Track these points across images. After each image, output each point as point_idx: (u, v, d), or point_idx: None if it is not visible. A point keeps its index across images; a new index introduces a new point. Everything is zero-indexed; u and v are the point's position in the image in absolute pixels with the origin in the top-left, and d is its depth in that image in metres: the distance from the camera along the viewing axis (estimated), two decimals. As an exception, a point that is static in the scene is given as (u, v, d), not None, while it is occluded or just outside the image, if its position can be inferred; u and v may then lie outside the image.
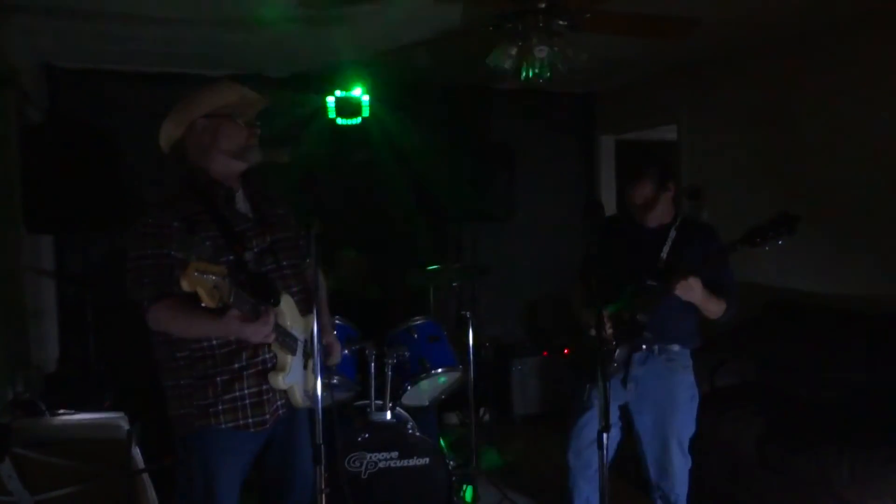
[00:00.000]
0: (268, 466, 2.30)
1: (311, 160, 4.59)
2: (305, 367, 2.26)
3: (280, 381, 2.13)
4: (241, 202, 2.25)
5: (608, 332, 2.67)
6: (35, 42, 3.91)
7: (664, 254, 2.74)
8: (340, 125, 4.76)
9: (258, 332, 1.97)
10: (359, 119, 4.75)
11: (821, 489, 3.01)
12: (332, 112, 4.71)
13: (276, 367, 2.14)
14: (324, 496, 2.01)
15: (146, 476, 1.84)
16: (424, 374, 3.51)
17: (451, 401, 4.20)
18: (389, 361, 3.40)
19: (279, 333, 2.06)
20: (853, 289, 3.86)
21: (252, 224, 2.23)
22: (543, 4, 2.82)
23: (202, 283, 1.68)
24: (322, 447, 2.00)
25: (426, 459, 3.25)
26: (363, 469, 3.18)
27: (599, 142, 5.98)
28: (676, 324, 2.73)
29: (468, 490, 3.77)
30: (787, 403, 3.59)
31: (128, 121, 4.19)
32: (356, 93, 4.67)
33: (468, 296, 4.19)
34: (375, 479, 3.19)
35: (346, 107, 4.71)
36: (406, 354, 3.49)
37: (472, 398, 3.81)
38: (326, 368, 2.40)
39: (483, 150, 4.82)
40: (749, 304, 3.87)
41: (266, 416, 2.15)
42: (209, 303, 1.72)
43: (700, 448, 2.87)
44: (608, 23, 2.97)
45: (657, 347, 2.75)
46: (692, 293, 2.55)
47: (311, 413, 2.07)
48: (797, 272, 4.14)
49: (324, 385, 2.04)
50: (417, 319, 3.69)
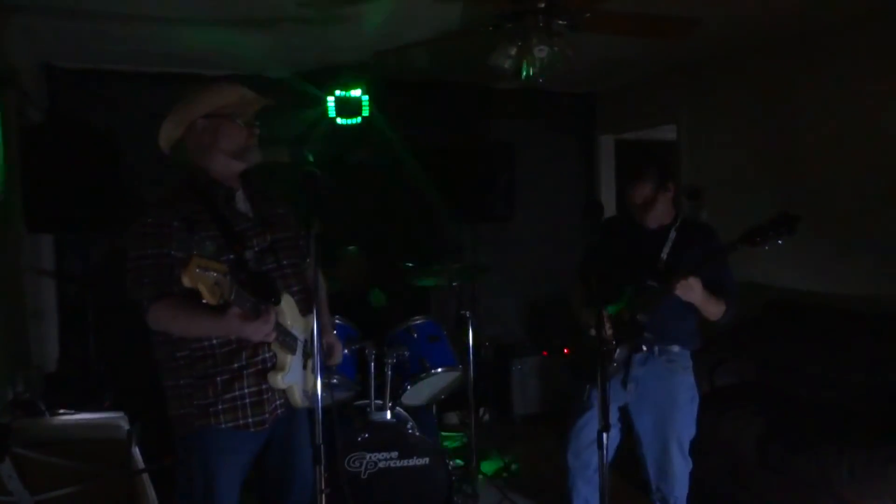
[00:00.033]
0: (268, 466, 2.30)
1: (311, 160, 4.58)
2: (305, 367, 2.26)
3: (279, 381, 2.13)
4: (242, 202, 2.25)
5: (608, 333, 2.67)
6: (35, 42, 3.90)
7: (664, 254, 2.74)
8: (340, 125, 4.76)
9: (259, 331, 1.97)
10: (359, 119, 4.75)
11: (821, 489, 3.01)
12: (332, 112, 4.71)
13: (276, 367, 2.14)
14: (324, 496, 2.00)
15: (146, 476, 1.84)
16: (424, 374, 3.52)
17: (451, 401, 4.21)
18: (389, 361, 3.40)
19: (279, 332, 2.06)
20: (853, 289, 3.86)
21: (252, 224, 2.23)
22: (543, 4, 2.82)
23: (203, 280, 1.68)
24: (322, 447, 1.99)
25: (426, 459, 3.25)
26: (363, 469, 3.19)
27: (599, 142, 5.98)
28: (677, 325, 2.74)
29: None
30: (787, 403, 3.60)
31: (128, 121, 4.18)
32: (356, 93, 4.67)
33: (468, 296, 4.19)
34: (375, 479, 3.19)
35: (346, 107, 4.70)
36: (406, 354, 3.50)
37: (472, 398, 3.82)
38: (327, 368, 2.40)
39: (483, 150, 4.83)
40: (749, 304, 3.87)
41: (265, 416, 2.16)
42: (210, 299, 1.71)
43: (700, 448, 2.87)
44: (608, 23, 2.97)
45: (657, 348, 2.75)
46: (692, 293, 2.55)
47: (311, 413, 2.07)
48: (797, 272, 4.14)
49: (324, 385, 2.04)
50: (417, 319, 3.69)
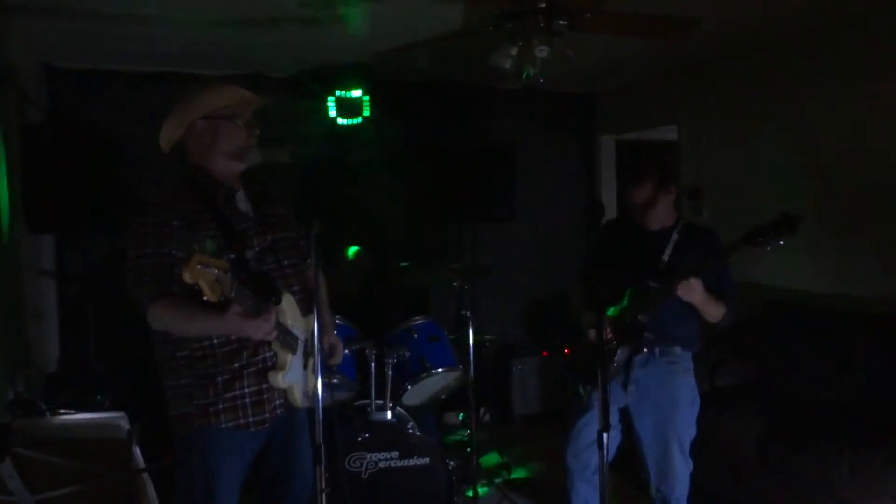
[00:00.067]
0: (268, 466, 2.30)
1: (311, 160, 4.59)
2: (305, 367, 2.26)
3: (280, 380, 2.13)
4: (242, 202, 2.25)
5: (608, 336, 2.67)
6: (35, 42, 3.91)
7: (665, 256, 2.74)
8: (340, 125, 4.76)
9: (260, 329, 1.97)
10: (359, 119, 4.74)
11: (821, 489, 3.01)
12: (333, 112, 4.71)
13: (277, 366, 2.14)
14: (324, 496, 2.01)
15: (146, 476, 1.84)
16: (425, 374, 3.52)
17: (451, 401, 4.20)
18: (389, 361, 3.41)
19: (280, 332, 2.06)
20: (853, 289, 3.86)
21: (253, 223, 2.23)
22: (543, 4, 2.82)
23: (204, 276, 1.68)
24: (322, 447, 1.99)
25: (426, 459, 3.25)
26: (363, 469, 3.18)
27: (599, 142, 5.97)
28: (678, 326, 2.74)
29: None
30: (787, 403, 3.60)
31: (128, 121, 4.19)
32: (356, 93, 4.67)
33: (468, 296, 4.19)
34: (375, 479, 3.19)
35: (346, 107, 4.70)
36: (406, 354, 3.50)
37: (472, 398, 3.82)
38: (327, 368, 2.40)
39: (483, 150, 4.82)
40: (749, 304, 3.87)
41: (266, 415, 2.15)
42: (210, 296, 1.71)
43: (700, 448, 2.87)
44: (608, 23, 2.97)
45: (658, 350, 2.74)
46: (693, 294, 2.56)
47: (311, 413, 2.07)
48: (797, 272, 4.14)
49: (324, 385, 2.04)
50: (417, 319, 3.70)
